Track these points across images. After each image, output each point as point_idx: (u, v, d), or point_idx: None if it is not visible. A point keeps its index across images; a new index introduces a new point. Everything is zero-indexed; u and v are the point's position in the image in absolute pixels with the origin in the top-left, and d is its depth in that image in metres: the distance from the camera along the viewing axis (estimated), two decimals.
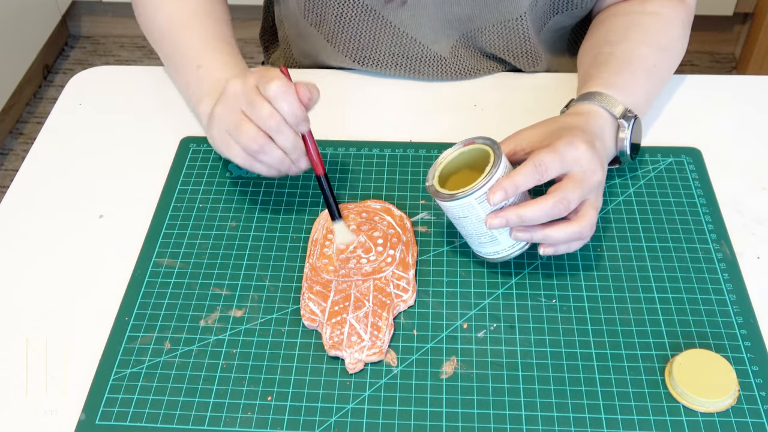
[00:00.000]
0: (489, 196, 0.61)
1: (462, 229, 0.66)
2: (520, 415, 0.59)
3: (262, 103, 0.65)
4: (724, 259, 0.69)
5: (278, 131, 0.66)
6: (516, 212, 0.62)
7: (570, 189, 0.62)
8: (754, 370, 0.61)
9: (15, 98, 1.99)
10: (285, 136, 0.66)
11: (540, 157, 0.62)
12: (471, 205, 0.62)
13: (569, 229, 0.63)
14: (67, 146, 0.82)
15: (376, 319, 0.64)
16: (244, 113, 0.66)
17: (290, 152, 0.67)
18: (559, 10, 0.86)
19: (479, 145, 0.65)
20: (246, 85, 0.67)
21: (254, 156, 0.67)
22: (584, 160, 0.64)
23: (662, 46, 0.79)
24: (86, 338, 0.65)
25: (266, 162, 0.67)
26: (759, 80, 0.88)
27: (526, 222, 0.62)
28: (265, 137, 0.66)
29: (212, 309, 0.67)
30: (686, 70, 2.08)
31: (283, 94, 0.65)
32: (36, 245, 0.73)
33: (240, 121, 0.66)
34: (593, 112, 0.71)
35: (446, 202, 0.63)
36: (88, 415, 0.60)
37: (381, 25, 0.85)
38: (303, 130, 0.67)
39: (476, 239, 0.66)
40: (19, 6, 1.95)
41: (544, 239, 0.63)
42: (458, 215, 0.64)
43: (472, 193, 0.61)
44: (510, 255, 0.66)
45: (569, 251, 0.65)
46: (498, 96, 0.86)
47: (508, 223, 0.62)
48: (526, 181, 0.62)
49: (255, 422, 0.59)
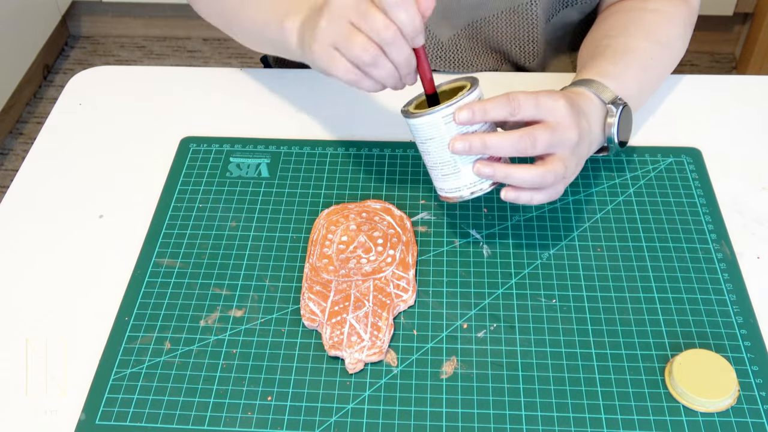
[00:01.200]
0: (455, 114, 0.61)
1: (427, 157, 0.65)
2: (520, 415, 0.59)
3: (376, 13, 0.61)
4: (724, 259, 0.69)
5: (393, 43, 0.61)
6: (481, 137, 0.61)
7: (540, 130, 0.62)
8: (754, 370, 0.61)
9: (15, 98, 1.99)
10: (399, 48, 0.62)
11: (515, 93, 0.62)
12: (437, 125, 0.62)
13: (534, 171, 0.62)
14: (67, 146, 0.82)
15: (376, 319, 0.64)
16: (354, 25, 0.62)
17: (402, 67, 0.63)
18: (569, 3, 0.86)
19: (462, 82, 0.65)
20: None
21: (364, 69, 0.63)
22: (560, 112, 0.63)
23: (661, 41, 0.79)
24: (86, 338, 0.65)
25: (376, 76, 0.63)
26: (759, 80, 0.88)
27: (489, 150, 0.62)
28: (377, 49, 0.62)
29: (212, 309, 0.67)
30: (686, 70, 2.08)
31: (403, 3, 0.60)
32: (36, 245, 0.73)
33: (350, 32, 0.62)
34: (583, 93, 0.71)
35: (413, 119, 0.63)
36: (88, 415, 0.60)
37: None
38: (418, 44, 0.63)
39: (439, 170, 0.65)
40: (19, 6, 1.95)
41: (506, 178, 0.63)
42: (424, 137, 0.63)
43: (438, 110, 0.61)
44: (470, 194, 0.65)
45: (532, 203, 0.64)
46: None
47: (471, 149, 0.61)
48: (495, 109, 0.61)
49: (255, 422, 0.59)
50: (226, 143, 0.81)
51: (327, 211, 0.73)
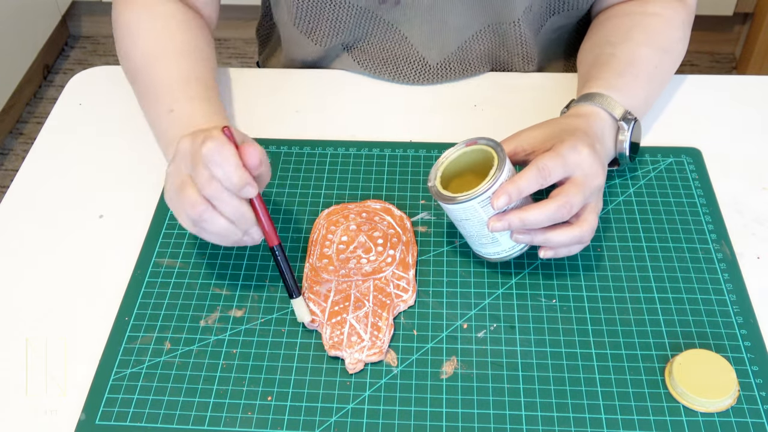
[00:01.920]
0: (493, 201, 0.61)
1: (463, 230, 0.66)
2: (520, 415, 0.59)
3: (201, 166, 0.59)
4: (724, 259, 0.69)
5: (217, 198, 0.59)
6: (519, 216, 0.62)
7: (573, 193, 0.62)
8: (754, 370, 0.61)
9: (15, 98, 1.99)
10: (225, 203, 0.59)
11: (543, 162, 0.62)
12: (474, 209, 0.62)
13: (570, 233, 0.63)
14: (67, 146, 0.82)
15: (376, 319, 0.64)
16: (189, 176, 0.61)
17: (237, 221, 0.60)
18: (555, 11, 0.86)
19: (481, 146, 0.65)
20: (194, 143, 0.61)
21: (197, 225, 0.61)
22: (586, 164, 0.64)
23: (664, 47, 0.79)
24: (86, 338, 0.65)
25: (211, 231, 0.61)
26: (759, 80, 0.88)
27: (528, 226, 0.62)
28: (205, 204, 0.59)
29: (212, 309, 0.67)
30: (686, 70, 2.08)
31: (217, 156, 0.58)
32: (36, 245, 0.73)
33: (183, 185, 0.60)
34: (594, 113, 0.71)
35: (449, 205, 0.63)
36: (88, 415, 0.60)
37: (374, 24, 0.85)
38: (248, 195, 0.60)
39: (477, 240, 0.66)
40: (19, 6, 1.95)
41: (545, 242, 0.64)
42: (460, 217, 0.64)
43: (475, 197, 0.61)
44: (510, 255, 0.66)
45: (569, 254, 0.65)
46: (498, 96, 0.86)
47: (510, 227, 0.62)
48: (529, 186, 0.62)
49: (255, 422, 0.59)
50: None
51: (327, 211, 0.73)
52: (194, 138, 0.62)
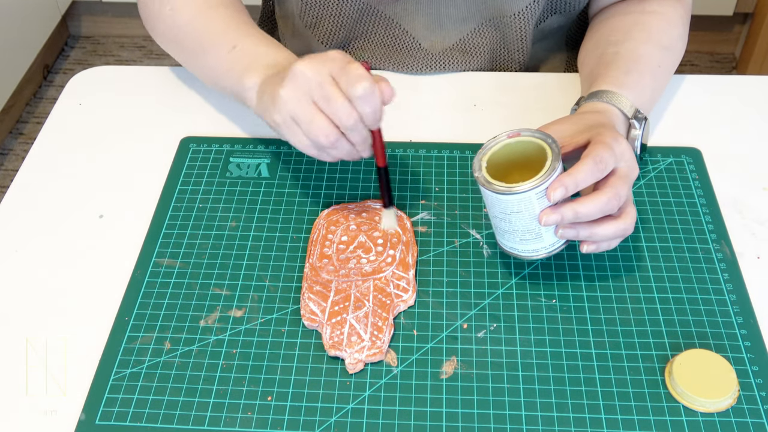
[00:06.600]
0: (549, 193, 0.60)
1: (508, 224, 0.63)
2: (520, 415, 0.59)
3: (340, 100, 0.62)
4: (724, 259, 0.69)
5: (353, 129, 0.64)
6: (572, 208, 0.60)
7: (620, 185, 0.62)
8: (754, 370, 0.61)
9: (15, 98, 1.99)
10: (359, 133, 0.64)
11: (599, 154, 0.61)
12: (529, 200, 0.61)
13: (616, 226, 0.63)
14: (67, 146, 0.82)
15: (376, 319, 0.64)
16: (317, 105, 0.64)
17: (359, 145, 0.66)
18: (556, 11, 0.86)
19: (529, 138, 0.64)
20: (320, 73, 0.63)
21: (323, 150, 0.66)
22: (627, 154, 0.63)
23: (665, 45, 0.79)
24: (86, 338, 0.65)
25: (334, 155, 0.66)
26: (759, 80, 0.88)
27: (580, 218, 0.61)
28: (338, 133, 0.64)
29: (212, 309, 0.67)
30: (686, 70, 2.08)
31: (370, 96, 0.62)
32: (36, 245, 0.73)
33: (313, 114, 0.63)
34: (608, 110, 0.71)
35: (503, 195, 0.61)
36: (88, 415, 0.60)
37: (375, 20, 0.85)
38: (377, 127, 0.66)
39: (521, 235, 0.64)
40: (19, 6, 1.95)
41: (590, 237, 0.63)
42: (511, 210, 0.62)
43: (533, 188, 0.60)
44: (548, 253, 0.65)
45: (609, 248, 0.65)
46: (498, 96, 0.86)
47: (563, 219, 0.61)
48: (586, 178, 0.60)
49: (255, 422, 0.59)
50: (226, 143, 0.81)
51: (327, 211, 0.73)
52: (318, 66, 0.63)
